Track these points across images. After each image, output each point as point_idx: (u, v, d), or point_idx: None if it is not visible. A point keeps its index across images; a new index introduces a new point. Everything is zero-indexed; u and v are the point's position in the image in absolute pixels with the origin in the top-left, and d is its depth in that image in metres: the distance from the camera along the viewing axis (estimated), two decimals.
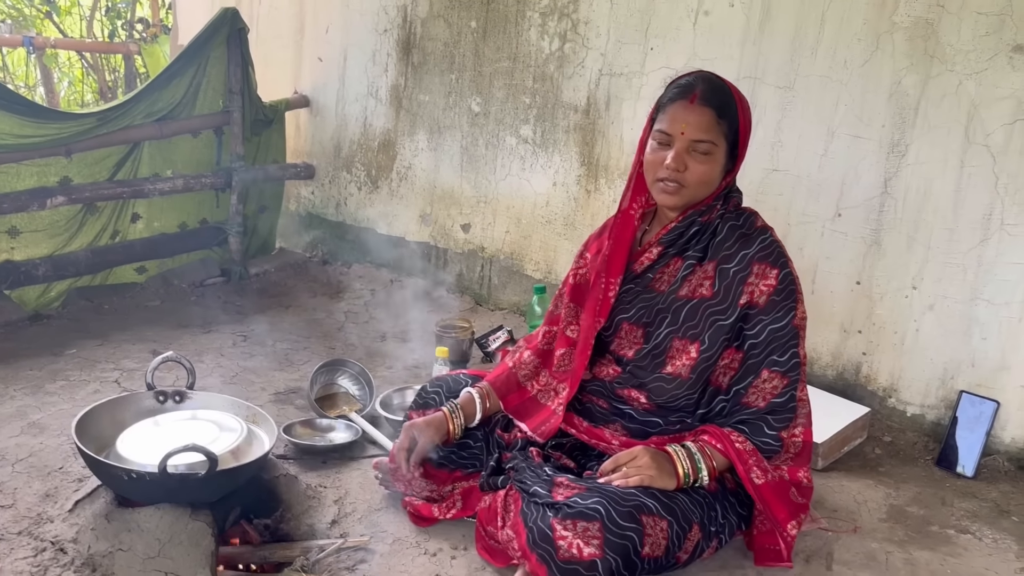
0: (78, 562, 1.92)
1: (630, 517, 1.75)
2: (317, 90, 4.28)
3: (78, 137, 3.31)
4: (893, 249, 2.73)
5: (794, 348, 1.92)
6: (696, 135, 1.90)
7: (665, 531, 1.80)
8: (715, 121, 1.90)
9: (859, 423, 2.70)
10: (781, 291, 1.92)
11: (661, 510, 1.81)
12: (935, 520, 2.33)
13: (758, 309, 1.92)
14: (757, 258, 1.93)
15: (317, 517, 2.18)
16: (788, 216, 2.92)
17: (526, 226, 3.65)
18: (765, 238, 1.96)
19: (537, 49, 3.49)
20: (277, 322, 3.55)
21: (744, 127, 1.95)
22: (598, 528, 1.72)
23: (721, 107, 1.91)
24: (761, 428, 1.92)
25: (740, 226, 1.98)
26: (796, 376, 1.92)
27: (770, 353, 1.91)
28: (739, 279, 1.93)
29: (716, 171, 1.94)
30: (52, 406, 2.65)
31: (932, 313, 2.69)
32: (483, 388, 2.21)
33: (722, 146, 1.92)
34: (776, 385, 1.91)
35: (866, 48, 2.70)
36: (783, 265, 1.93)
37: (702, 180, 1.93)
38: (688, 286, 1.98)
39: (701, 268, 1.98)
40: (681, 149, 1.91)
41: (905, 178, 2.69)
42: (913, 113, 2.65)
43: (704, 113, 1.90)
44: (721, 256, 1.96)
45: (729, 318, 1.93)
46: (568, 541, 1.72)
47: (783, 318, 1.91)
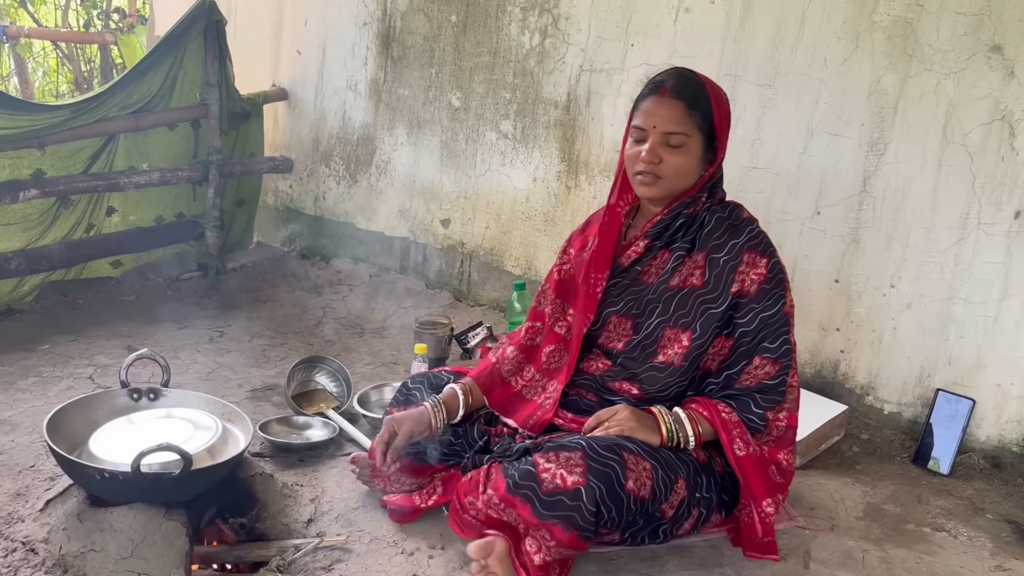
0: (49, 563, 1.89)
1: (611, 449, 1.79)
2: (296, 83, 4.24)
3: (52, 129, 3.26)
4: (871, 247, 2.74)
5: (785, 335, 1.95)
6: (667, 127, 1.94)
7: (649, 471, 1.81)
8: (686, 113, 1.94)
9: (837, 421, 2.71)
10: (771, 279, 1.95)
11: (643, 452, 1.84)
12: (911, 518, 2.34)
13: (749, 298, 1.95)
14: (747, 247, 1.96)
15: (293, 516, 2.16)
16: (767, 213, 2.92)
17: (506, 222, 3.64)
18: (753, 228, 1.99)
19: (517, 44, 3.48)
20: (254, 318, 3.52)
21: (720, 119, 1.97)
22: (580, 456, 1.75)
23: (692, 100, 1.95)
24: (748, 405, 1.95)
25: (727, 217, 2.00)
26: (788, 362, 1.96)
27: (762, 340, 1.95)
28: (729, 268, 1.96)
29: (692, 163, 1.97)
30: (24, 403, 2.61)
31: (910, 311, 2.70)
32: (466, 384, 2.20)
33: (697, 138, 1.95)
34: (768, 371, 1.95)
35: (846, 46, 2.71)
36: (772, 254, 1.97)
37: (677, 172, 1.96)
38: (679, 276, 2.00)
39: (691, 258, 2.00)
40: (655, 142, 1.95)
41: (884, 177, 2.70)
42: (892, 112, 2.65)
43: (675, 106, 1.94)
44: (711, 246, 1.98)
45: (720, 306, 1.96)
46: (551, 472, 1.74)
47: (773, 306, 1.95)
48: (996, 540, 2.26)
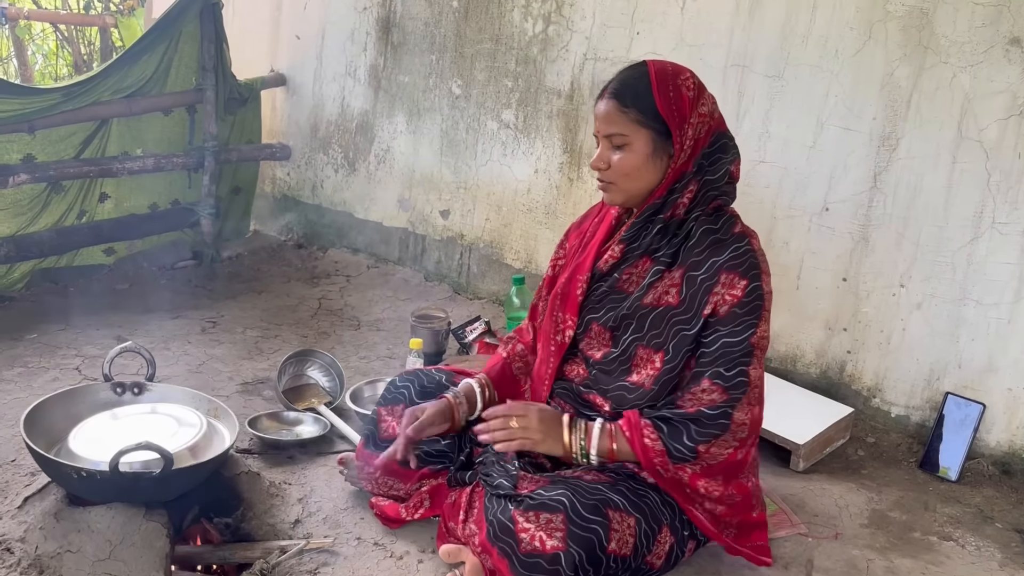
0: (25, 563, 1.84)
1: (595, 510, 1.70)
2: (294, 68, 4.16)
3: (42, 113, 3.19)
4: (881, 245, 2.66)
5: (743, 366, 1.78)
6: (604, 130, 1.85)
7: (633, 528, 1.74)
8: (618, 111, 1.82)
9: (842, 424, 2.64)
10: (745, 304, 1.78)
11: (629, 507, 1.76)
12: (918, 526, 2.27)
13: (717, 318, 1.79)
14: (726, 267, 1.79)
15: (280, 516, 2.10)
16: (774, 209, 2.84)
17: (506, 214, 3.56)
18: (739, 246, 1.81)
19: (520, 31, 3.39)
20: (248, 308, 3.45)
21: (667, 107, 1.79)
22: (562, 520, 1.67)
23: (629, 95, 1.81)
24: (680, 434, 1.79)
25: (716, 230, 1.83)
26: (738, 395, 1.78)
27: (717, 365, 1.79)
28: (705, 288, 1.80)
29: (638, 160, 1.82)
30: (7, 394, 2.55)
31: (919, 312, 2.62)
32: (482, 380, 2.09)
33: (641, 134, 1.81)
34: (714, 399, 1.78)
35: (858, 37, 2.62)
36: (754, 277, 1.79)
37: (623, 173, 1.83)
38: (654, 293, 1.86)
39: (669, 274, 1.85)
40: (602, 147, 1.86)
41: (895, 173, 2.61)
42: (905, 106, 2.57)
43: (608, 106, 1.84)
44: (690, 263, 1.83)
45: (693, 328, 1.81)
46: (530, 534, 1.67)
47: (740, 333, 1.77)
48: (1005, 550, 2.19)
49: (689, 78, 1.83)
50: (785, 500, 2.31)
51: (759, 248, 1.84)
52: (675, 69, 1.84)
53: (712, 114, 1.85)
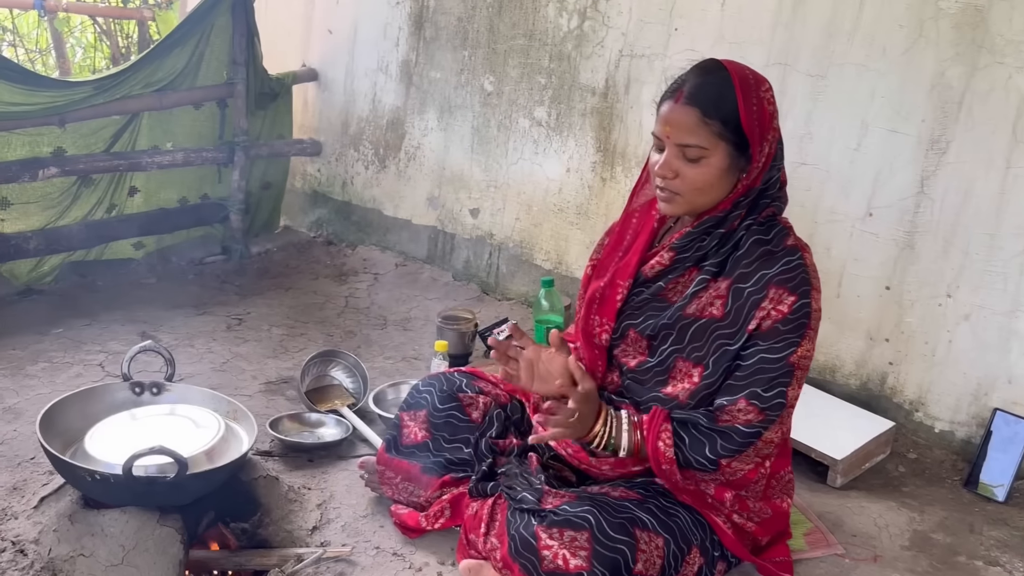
0: (38, 566, 1.81)
1: (622, 529, 1.64)
2: (326, 63, 4.11)
3: (73, 106, 3.17)
4: (927, 253, 2.55)
5: (783, 387, 1.69)
6: (680, 139, 1.69)
7: (661, 549, 1.68)
8: (700, 122, 1.67)
9: (882, 438, 2.53)
10: (790, 321, 1.68)
11: (658, 526, 1.70)
12: (962, 549, 2.17)
13: (759, 333, 1.70)
14: (776, 281, 1.69)
15: (298, 522, 2.05)
16: (815, 214, 2.74)
17: (537, 213, 3.48)
18: (791, 260, 1.71)
19: (555, 27, 3.31)
20: (275, 305, 3.41)
21: (751, 122, 1.68)
22: (587, 539, 1.61)
23: (712, 104, 1.67)
24: (703, 446, 1.72)
25: (767, 241, 1.73)
26: (774, 416, 1.70)
27: (753, 384, 1.69)
28: (752, 302, 1.70)
29: (713, 175, 1.69)
30: (31, 390, 2.53)
31: (967, 323, 2.50)
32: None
33: (720, 148, 1.68)
34: (750, 419, 1.70)
35: (908, 36, 2.51)
36: (803, 294, 1.69)
37: (695, 187, 1.70)
38: (697, 303, 1.76)
39: (715, 284, 1.75)
40: (670, 155, 1.71)
41: (944, 177, 2.50)
42: (956, 107, 2.45)
43: (688, 114, 1.68)
44: (738, 274, 1.72)
45: (736, 343, 1.71)
46: (553, 551, 1.61)
47: (781, 350, 1.69)
48: None
49: (769, 89, 1.73)
50: (821, 518, 2.22)
51: (812, 263, 1.74)
52: (755, 78, 1.72)
53: (778, 125, 1.75)
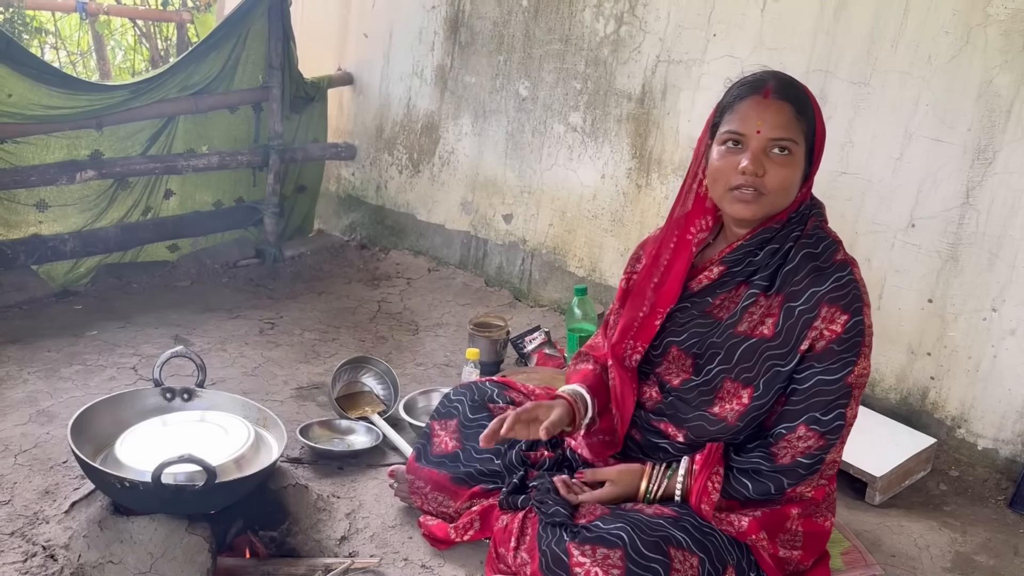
0: (67, 571, 1.80)
1: (656, 548, 1.60)
2: (361, 67, 4.11)
3: (110, 110, 3.20)
4: (972, 266, 2.48)
5: (841, 409, 1.66)
6: (775, 133, 1.64)
7: (696, 568, 1.64)
8: (794, 117, 1.65)
9: (923, 455, 2.47)
10: (844, 341, 1.64)
11: (693, 545, 1.66)
12: (1006, 573, 2.11)
13: (814, 354, 1.66)
14: (827, 299, 1.65)
15: (326, 532, 2.03)
16: (856, 224, 2.67)
17: (571, 220, 3.45)
18: (842, 276, 1.66)
19: (591, 31, 3.27)
20: (308, 309, 3.41)
21: (820, 127, 1.70)
22: (620, 557, 1.58)
23: (800, 103, 1.67)
24: (768, 489, 1.69)
25: (817, 255, 1.69)
26: (835, 440, 1.67)
27: (811, 408, 1.66)
28: (804, 321, 1.66)
29: (797, 176, 1.68)
30: (64, 392, 2.55)
31: (1013, 339, 2.43)
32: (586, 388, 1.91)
33: (800, 149, 1.66)
34: (811, 445, 1.67)
35: (954, 42, 2.44)
36: (856, 311, 1.65)
37: (782, 186, 1.66)
38: (748, 321, 1.72)
39: (766, 300, 1.71)
40: (758, 150, 1.65)
41: (990, 188, 2.42)
42: (1005, 116, 2.38)
43: (782, 108, 1.65)
44: (789, 292, 1.68)
45: (788, 364, 1.67)
46: (585, 569, 1.58)
47: (837, 371, 1.65)
48: None
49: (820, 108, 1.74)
50: (859, 536, 2.16)
51: (861, 278, 1.70)
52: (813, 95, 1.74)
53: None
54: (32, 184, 3.09)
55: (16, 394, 2.50)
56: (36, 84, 2.96)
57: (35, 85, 2.96)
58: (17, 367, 2.66)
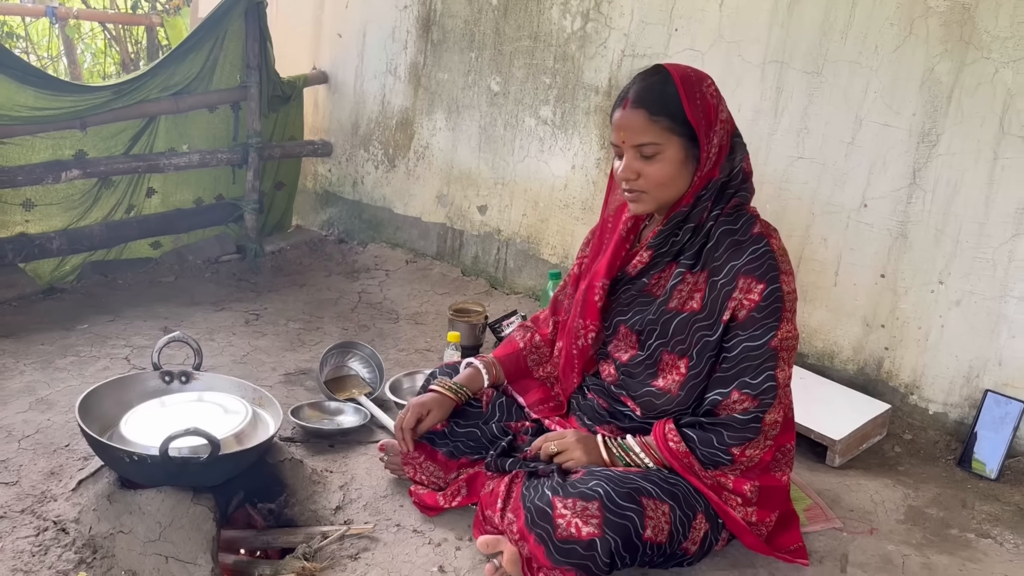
0: (79, 543, 1.91)
1: (629, 498, 1.73)
2: (336, 66, 4.23)
3: (93, 110, 3.29)
4: (920, 242, 2.65)
5: (770, 371, 1.80)
6: (634, 139, 1.82)
7: (667, 515, 1.77)
8: (648, 121, 1.80)
9: (879, 420, 2.63)
10: (763, 308, 1.79)
11: (662, 494, 1.79)
12: (955, 523, 2.27)
13: (737, 323, 1.81)
14: (744, 271, 1.80)
15: (322, 503, 2.15)
16: (812, 205, 2.84)
17: (543, 209, 3.59)
18: (757, 248, 1.81)
19: (559, 28, 3.42)
20: (290, 301, 3.52)
21: (696, 114, 1.80)
22: (597, 507, 1.70)
23: (657, 103, 1.80)
24: (711, 439, 1.84)
25: (735, 231, 1.84)
26: (769, 400, 1.81)
27: (741, 374, 1.81)
28: (725, 293, 1.82)
29: (672, 169, 1.82)
30: (61, 382, 2.64)
31: (959, 309, 2.61)
32: (489, 362, 2.19)
33: (674, 142, 1.81)
34: (746, 407, 1.82)
35: (898, 33, 2.61)
36: (772, 280, 1.79)
37: (659, 182, 1.83)
38: (678, 298, 1.88)
39: (692, 277, 1.87)
40: (629, 158, 1.84)
41: (935, 169, 2.60)
42: (946, 102, 2.55)
43: (636, 115, 1.81)
44: (712, 267, 1.85)
45: (714, 334, 1.83)
46: (567, 520, 1.70)
47: (760, 337, 1.79)
48: None
49: (711, 84, 1.85)
50: (820, 495, 2.32)
51: (779, 247, 1.84)
52: (697, 75, 1.84)
53: (729, 118, 1.87)
54: (19, 184, 3.17)
55: (14, 384, 2.59)
56: (21, 86, 3.04)
57: (20, 87, 3.04)
58: (13, 359, 2.75)
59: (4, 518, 1.99)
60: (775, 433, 1.87)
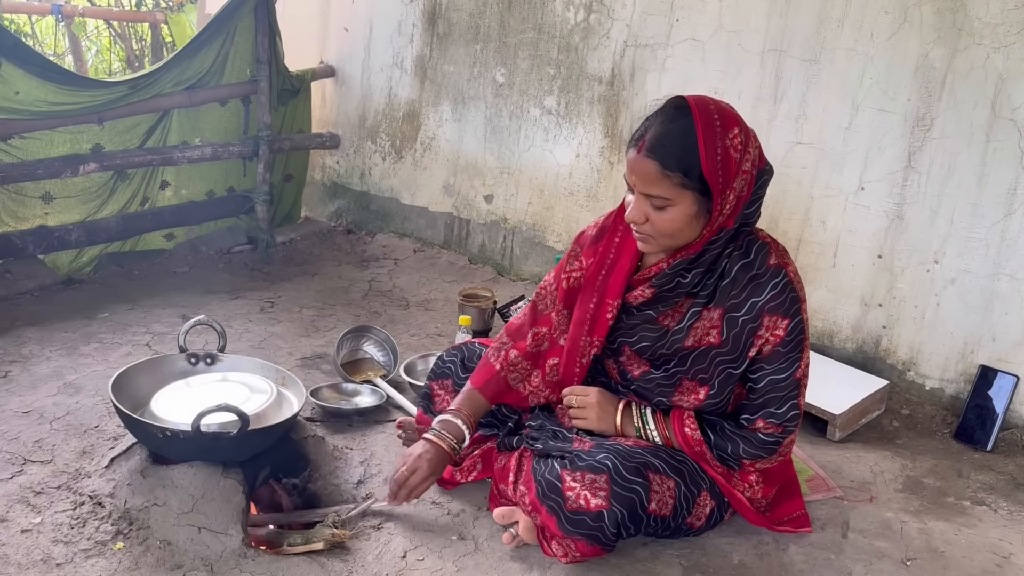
0: (115, 515, 1.99)
1: (636, 472, 1.81)
2: (343, 60, 4.30)
3: (110, 105, 3.36)
4: (916, 223, 2.74)
5: (793, 400, 1.85)
6: (643, 189, 1.75)
7: (672, 490, 1.85)
8: (660, 174, 1.71)
9: (877, 396, 2.73)
10: (788, 342, 1.81)
11: (668, 470, 1.86)
12: (951, 491, 2.36)
13: (762, 357, 1.84)
14: (768, 309, 1.79)
15: (344, 477, 2.24)
16: (811, 189, 2.93)
17: (548, 197, 3.68)
18: (777, 283, 1.79)
19: (562, 20, 3.50)
20: (303, 289, 3.61)
21: (712, 172, 1.70)
22: (605, 480, 1.78)
23: (670, 157, 1.70)
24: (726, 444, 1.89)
25: (751, 264, 1.81)
26: (792, 427, 1.88)
27: (767, 404, 1.86)
28: (749, 330, 1.81)
29: (681, 222, 1.75)
30: (87, 367, 2.72)
31: (953, 287, 2.69)
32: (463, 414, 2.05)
33: (684, 197, 1.72)
34: (772, 433, 1.88)
35: (893, 21, 2.70)
36: (795, 313, 1.80)
37: (665, 232, 1.77)
38: (694, 335, 1.87)
39: (708, 313, 1.85)
40: (639, 200, 1.77)
41: (929, 152, 2.69)
42: (939, 87, 2.64)
43: (648, 166, 1.71)
44: (729, 304, 1.82)
45: (739, 368, 1.86)
46: (576, 492, 1.78)
47: (786, 370, 1.83)
48: None
49: (736, 136, 1.71)
50: (822, 467, 2.41)
51: (795, 274, 1.83)
52: (724, 121, 1.71)
53: (755, 162, 1.76)
54: (38, 177, 3.25)
55: (42, 369, 2.68)
56: (41, 81, 3.11)
57: (41, 82, 3.11)
58: (39, 346, 2.83)
59: (42, 494, 2.07)
60: (788, 451, 1.95)
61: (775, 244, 1.86)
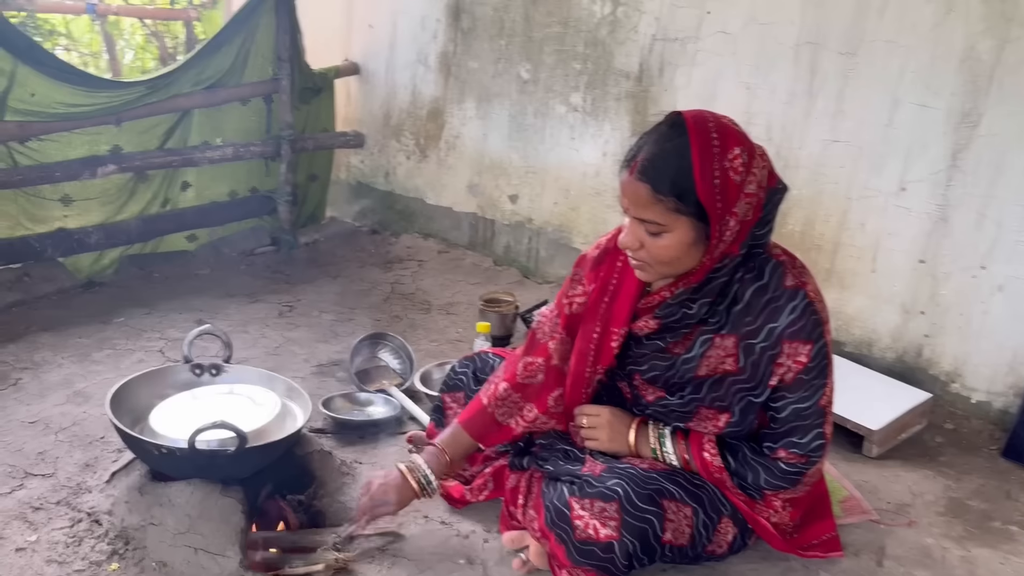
0: (112, 534, 1.94)
1: (650, 500, 1.69)
2: (367, 57, 4.23)
3: (128, 106, 3.31)
4: (961, 226, 2.58)
5: (818, 429, 1.72)
6: (636, 214, 1.61)
7: (689, 518, 1.74)
8: (652, 199, 1.57)
9: (919, 409, 2.57)
10: (811, 369, 1.67)
11: (686, 496, 1.75)
12: (997, 515, 2.21)
13: (784, 385, 1.70)
14: (788, 335, 1.65)
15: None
16: (849, 190, 2.77)
17: (575, 197, 3.56)
18: (796, 306, 1.64)
19: (588, 14, 3.37)
20: (324, 292, 3.54)
21: (709, 197, 1.55)
22: (615, 509, 1.67)
23: (662, 180, 1.56)
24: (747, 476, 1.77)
25: (766, 287, 1.66)
26: (817, 457, 1.74)
27: (790, 433, 1.72)
28: (768, 358, 1.68)
29: (677, 249, 1.61)
30: (97, 375, 2.68)
31: (1002, 295, 2.53)
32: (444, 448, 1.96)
33: (679, 222, 1.58)
34: (795, 463, 1.74)
35: (937, 10, 2.53)
36: (818, 337, 1.65)
37: (662, 260, 1.63)
38: (707, 364, 1.73)
39: (721, 340, 1.70)
40: (633, 225, 1.63)
41: (976, 150, 2.52)
42: (987, 81, 2.47)
43: (640, 188, 1.58)
44: (744, 332, 1.68)
45: (760, 396, 1.72)
46: (585, 521, 1.68)
47: (809, 398, 1.69)
48: None
49: (737, 156, 1.56)
50: (857, 487, 2.27)
51: (815, 294, 1.68)
52: (723, 140, 1.56)
53: (762, 183, 1.60)
54: (56, 180, 3.22)
55: (53, 377, 2.64)
56: (57, 83, 3.07)
57: (56, 84, 3.07)
58: (51, 353, 2.80)
59: (40, 509, 2.03)
60: (814, 481, 1.82)
61: (791, 261, 1.70)
